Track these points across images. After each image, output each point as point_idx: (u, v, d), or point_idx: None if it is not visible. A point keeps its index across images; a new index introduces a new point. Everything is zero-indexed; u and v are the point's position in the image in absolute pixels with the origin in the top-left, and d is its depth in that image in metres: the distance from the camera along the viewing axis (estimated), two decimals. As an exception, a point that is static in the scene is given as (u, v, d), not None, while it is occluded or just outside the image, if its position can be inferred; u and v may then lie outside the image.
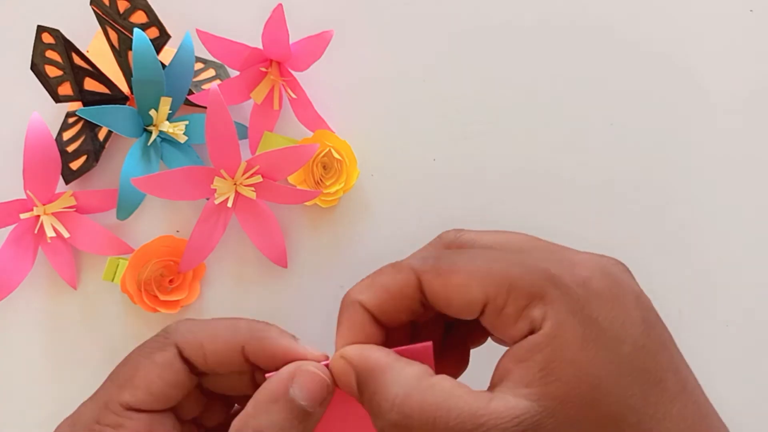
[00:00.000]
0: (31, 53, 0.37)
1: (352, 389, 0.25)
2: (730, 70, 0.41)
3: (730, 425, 0.26)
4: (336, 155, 0.38)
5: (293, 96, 0.38)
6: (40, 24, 0.37)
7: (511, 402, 0.22)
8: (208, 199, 0.38)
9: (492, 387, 0.24)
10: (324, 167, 0.39)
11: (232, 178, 0.37)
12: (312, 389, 0.25)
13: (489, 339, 0.29)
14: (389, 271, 0.26)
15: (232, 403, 0.31)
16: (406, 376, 0.23)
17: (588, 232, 0.40)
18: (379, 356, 0.24)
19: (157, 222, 0.40)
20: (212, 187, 0.37)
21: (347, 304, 0.27)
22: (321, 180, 0.39)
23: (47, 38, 0.37)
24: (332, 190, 0.38)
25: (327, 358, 0.27)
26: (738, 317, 0.41)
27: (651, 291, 0.40)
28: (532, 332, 0.23)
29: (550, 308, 0.23)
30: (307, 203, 0.39)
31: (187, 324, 0.27)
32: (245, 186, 0.37)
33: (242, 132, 0.40)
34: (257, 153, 0.39)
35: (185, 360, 0.27)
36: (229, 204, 0.37)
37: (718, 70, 0.41)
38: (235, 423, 0.25)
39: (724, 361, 0.40)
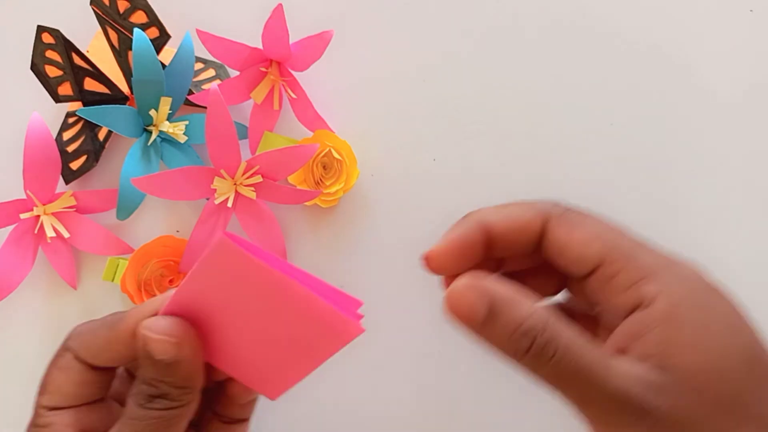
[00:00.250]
0: (31, 53, 0.37)
1: (476, 318, 0.25)
2: (730, 69, 0.41)
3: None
4: (336, 155, 0.38)
5: (293, 96, 0.38)
6: (40, 24, 0.37)
7: (630, 368, 0.23)
8: (208, 199, 0.38)
9: None
10: (324, 167, 0.39)
11: (232, 178, 0.37)
12: (160, 350, 0.26)
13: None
14: (521, 206, 0.27)
15: None
16: (540, 309, 0.24)
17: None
18: (508, 288, 0.25)
19: (157, 222, 0.40)
20: (212, 187, 0.37)
21: (467, 220, 0.27)
22: (321, 180, 0.39)
23: (47, 38, 0.37)
24: (332, 190, 0.38)
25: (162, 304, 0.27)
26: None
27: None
28: (639, 306, 0.24)
29: (666, 287, 0.24)
30: (307, 203, 0.39)
31: (78, 328, 0.29)
32: (245, 186, 0.37)
33: (242, 132, 0.40)
34: (257, 153, 0.39)
35: (83, 362, 0.29)
36: (229, 204, 0.37)
37: (718, 69, 0.41)
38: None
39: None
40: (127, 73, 0.39)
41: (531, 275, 0.29)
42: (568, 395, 0.24)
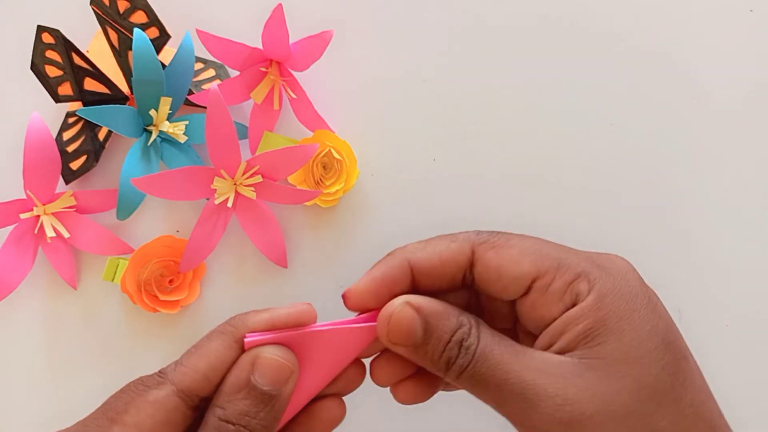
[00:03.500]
0: (31, 53, 0.37)
1: (414, 335, 0.26)
2: (729, 69, 0.41)
3: (730, 424, 0.26)
4: (336, 155, 0.38)
5: (293, 96, 0.38)
6: (40, 24, 0.37)
7: (548, 363, 0.25)
8: (208, 199, 0.38)
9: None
10: (324, 167, 0.39)
11: (232, 178, 0.37)
12: (273, 374, 0.26)
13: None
14: (444, 239, 0.27)
15: None
16: (467, 320, 0.26)
17: (587, 232, 0.40)
18: (439, 303, 0.26)
19: (157, 222, 0.40)
20: (212, 187, 0.37)
21: (394, 259, 0.27)
22: (321, 180, 0.39)
23: (47, 38, 0.37)
24: (332, 190, 0.38)
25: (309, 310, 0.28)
26: (738, 317, 0.41)
27: (651, 291, 0.40)
28: (574, 304, 0.25)
29: (595, 283, 0.25)
30: (307, 203, 0.39)
31: (182, 359, 0.27)
32: (245, 186, 0.37)
33: (242, 132, 0.40)
34: (257, 153, 0.39)
35: (184, 397, 0.26)
36: (229, 204, 0.37)
37: (718, 69, 0.41)
38: (206, 417, 0.26)
39: (724, 361, 0.40)
40: (127, 73, 0.39)
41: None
42: (487, 400, 0.25)
